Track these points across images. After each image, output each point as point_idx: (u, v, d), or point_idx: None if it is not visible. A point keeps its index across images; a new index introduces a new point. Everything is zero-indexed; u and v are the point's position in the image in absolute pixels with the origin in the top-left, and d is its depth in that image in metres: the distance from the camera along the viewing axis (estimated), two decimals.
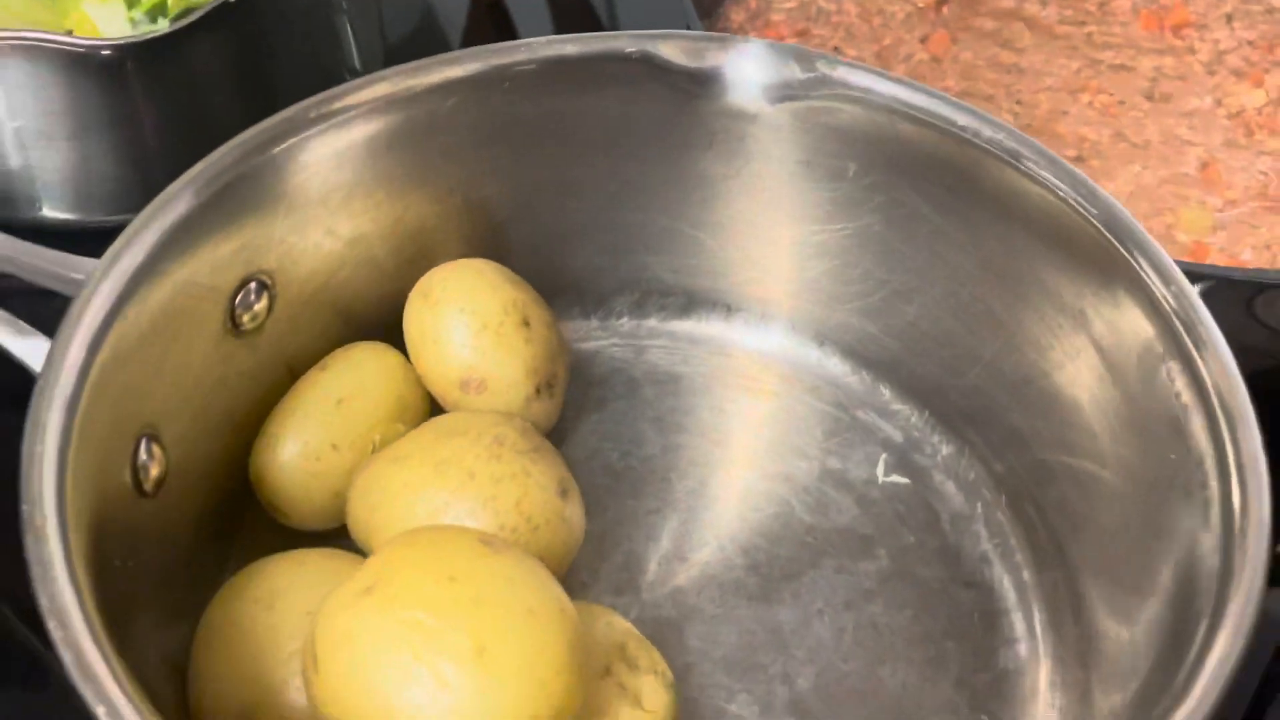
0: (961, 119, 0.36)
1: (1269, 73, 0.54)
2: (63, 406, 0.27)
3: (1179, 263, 0.32)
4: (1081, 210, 0.32)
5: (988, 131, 0.35)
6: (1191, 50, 0.55)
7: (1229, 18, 0.56)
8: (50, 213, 0.48)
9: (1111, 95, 0.53)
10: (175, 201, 0.33)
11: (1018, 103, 0.53)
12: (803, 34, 0.56)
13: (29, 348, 0.31)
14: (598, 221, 0.43)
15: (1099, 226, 0.32)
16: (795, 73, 0.39)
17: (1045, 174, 0.34)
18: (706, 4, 0.54)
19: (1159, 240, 0.44)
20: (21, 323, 0.31)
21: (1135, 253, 0.31)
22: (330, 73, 0.51)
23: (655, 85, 0.39)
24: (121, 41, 0.41)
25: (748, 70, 0.39)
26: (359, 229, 0.39)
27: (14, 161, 0.46)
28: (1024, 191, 0.34)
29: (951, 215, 0.38)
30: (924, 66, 0.55)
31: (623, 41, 0.39)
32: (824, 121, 0.39)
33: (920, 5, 0.58)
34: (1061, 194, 0.33)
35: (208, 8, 0.42)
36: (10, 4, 0.56)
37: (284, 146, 0.36)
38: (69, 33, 0.51)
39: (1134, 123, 0.51)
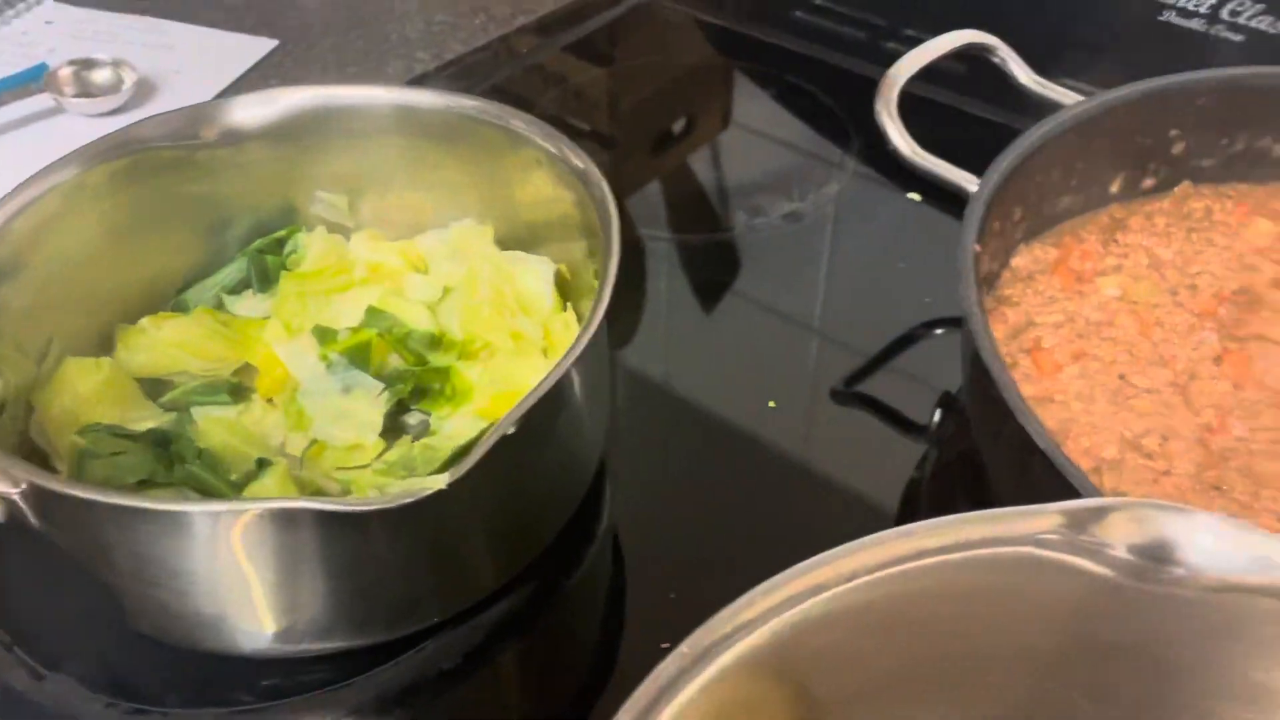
0: None
1: None
2: None
3: None
4: None
5: None
6: None
7: None
8: (254, 644, 0.41)
9: None
10: None
11: None
12: (1079, 356, 0.49)
13: None
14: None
15: None
16: (1238, 561, 0.32)
17: None
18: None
19: None
20: None
21: None
22: (570, 468, 0.45)
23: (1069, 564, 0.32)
24: (389, 505, 0.33)
25: (1196, 552, 0.32)
26: None
27: (236, 598, 0.39)
28: None
29: None
30: (1229, 397, 0.48)
31: (1049, 521, 0.32)
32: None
33: (1196, 311, 0.52)
34: None
35: (478, 455, 0.35)
36: (188, 341, 0.50)
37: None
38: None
39: None
